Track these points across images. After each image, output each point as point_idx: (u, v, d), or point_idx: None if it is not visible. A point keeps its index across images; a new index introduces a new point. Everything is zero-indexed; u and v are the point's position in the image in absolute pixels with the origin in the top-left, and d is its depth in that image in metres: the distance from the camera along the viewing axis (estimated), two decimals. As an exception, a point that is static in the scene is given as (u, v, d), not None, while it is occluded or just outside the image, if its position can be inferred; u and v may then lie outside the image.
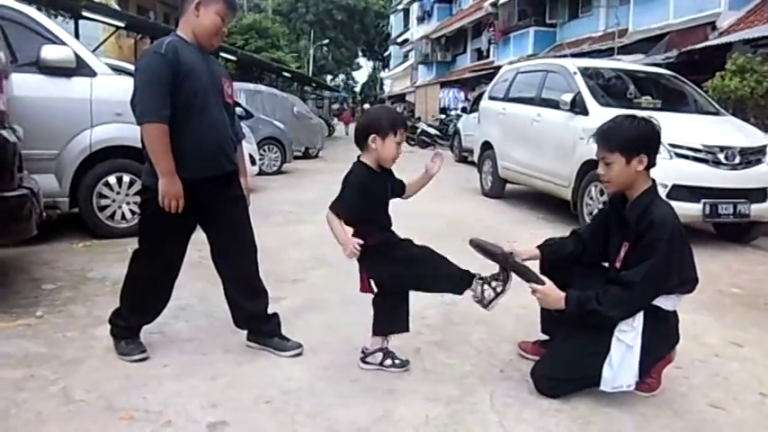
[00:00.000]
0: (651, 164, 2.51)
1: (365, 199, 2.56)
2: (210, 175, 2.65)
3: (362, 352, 2.76)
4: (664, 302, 2.50)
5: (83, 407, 2.33)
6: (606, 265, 2.70)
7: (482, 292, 2.60)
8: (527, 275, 2.59)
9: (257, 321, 2.92)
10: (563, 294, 2.50)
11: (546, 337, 2.88)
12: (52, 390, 2.45)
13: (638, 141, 2.48)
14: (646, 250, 2.40)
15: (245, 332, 2.97)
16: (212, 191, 2.68)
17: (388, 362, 2.71)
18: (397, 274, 2.61)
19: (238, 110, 5.40)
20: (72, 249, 4.77)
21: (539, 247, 2.80)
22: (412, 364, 2.77)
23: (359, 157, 2.64)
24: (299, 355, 2.86)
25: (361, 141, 2.59)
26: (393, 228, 2.70)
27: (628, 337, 2.44)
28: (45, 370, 2.62)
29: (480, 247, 2.70)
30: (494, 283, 2.61)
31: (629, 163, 2.47)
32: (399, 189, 2.79)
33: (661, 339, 2.52)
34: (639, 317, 2.44)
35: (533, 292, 2.58)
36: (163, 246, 2.73)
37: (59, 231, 5.16)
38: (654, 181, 2.57)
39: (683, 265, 2.53)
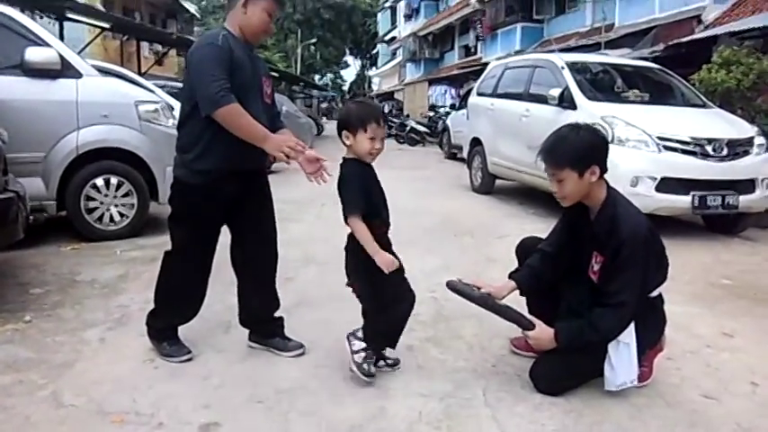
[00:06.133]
0: (603, 172, 2.46)
1: (365, 189, 2.51)
2: (240, 169, 2.63)
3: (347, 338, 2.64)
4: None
5: (73, 411, 2.30)
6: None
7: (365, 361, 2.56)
8: (510, 317, 2.55)
9: (263, 323, 2.92)
10: (553, 332, 2.47)
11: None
12: (41, 394, 2.42)
13: (586, 153, 2.42)
14: (624, 264, 2.37)
15: (239, 332, 2.97)
16: (241, 186, 2.67)
17: (381, 363, 2.66)
18: (375, 289, 2.54)
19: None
20: (60, 252, 4.73)
21: (511, 277, 2.71)
22: (405, 361, 2.76)
23: (343, 156, 2.59)
24: (302, 354, 2.85)
25: (340, 137, 2.55)
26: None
27: (623, 336, 2.44)
28: (34, 374, 2.59)
29: (457, 290, 2.60)
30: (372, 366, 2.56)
31: (582, 176, 2.41)
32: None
33: (651, 327, 2.54)
34: None
35: (527, 338, 2.55)
36: (195, 241, 2.71)
37: (47, 234, 5.11)
38: (608, 184, 2.52)
39: (660, 262, 2.55)
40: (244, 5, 2.62)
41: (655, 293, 2.55)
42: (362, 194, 2.47)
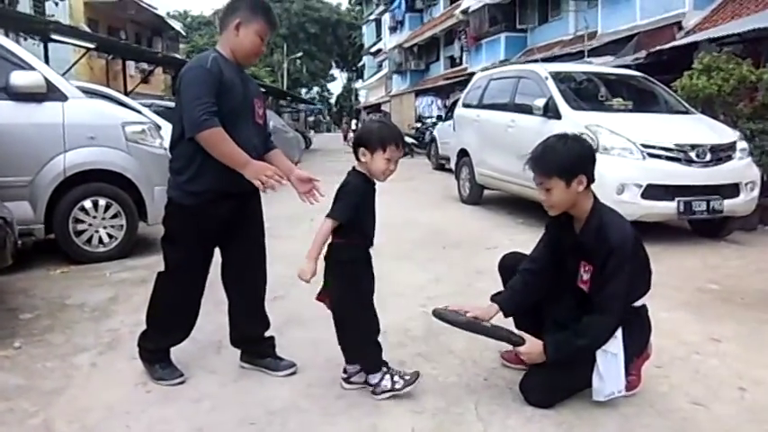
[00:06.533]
0: (590, 182, 2.50)
1: (360, 205, 2.55)
2: (233, 191, 2.63)
3: (344, 371, 2.71)
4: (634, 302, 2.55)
5: (65, 438, 2.29)
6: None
7: (391, 380, 2.59)
8: (500, 336, 2.57)
9: (253, 343, 2.93)
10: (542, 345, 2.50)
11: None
12: (32, 422, 2.41)
13: (574, 163, 2.45)
14: (613, 272, 2.40)
15: (230, 352, 2.97)
16: (233, 208, 2.69)
17: (396, 379, 2.62)
18: (351, 300, 2.58)
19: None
20: (49, 276, 4.71)
21: (494, 300, 2.72)
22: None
23: (354, 166, 2.62)
24: (294, 374, 2.85)
25: (355, 151, 2.59)
26: (375, 239, 2.66)
27: (611, 346, 2.46)
28: (24, 402, 2.58)
29: (444, 318, 2.61)
30: (398, 377, 2.60)
31: (569, 186, 2.45)
32: None
33: (637, 336, 2.56)
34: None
35: (518, 354, 2.58)
36: (188, 261, 2.71)
37: (35, 258, 5.09)
38: (594, 195, 2.56)
39: (645, 271, 2.58)
40: (236, 28, 2.64)
41: (639, 302, 2.58)
42: (353, 210, 2.52)
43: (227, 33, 2.68)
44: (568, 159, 2.46)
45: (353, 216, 2.52)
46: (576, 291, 2.58)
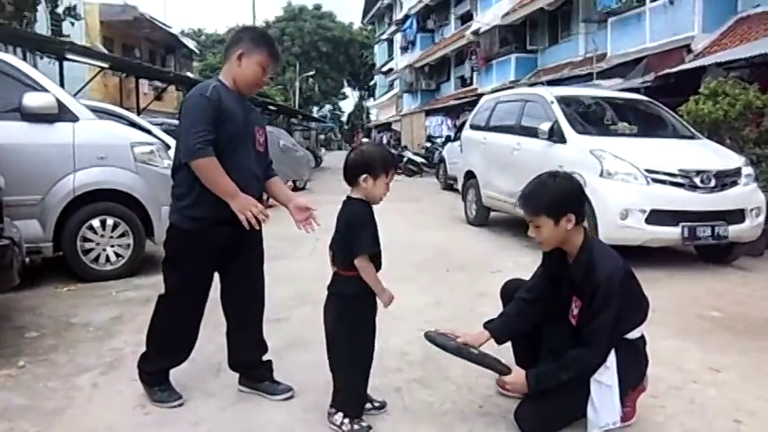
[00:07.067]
0: (580, 220, 2.53)
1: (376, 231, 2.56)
2: (230, 218, 2.66)
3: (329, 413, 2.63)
4: (629, 334, 2.55)
5: (63, 460, 2.33)
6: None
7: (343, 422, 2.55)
8: (486, 363, 2.60)
9: (250, 367, 2.96)
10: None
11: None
12: (32, 443, 2.46)
13: (562, 201, 2.49)
14: (599, 308, 2.42)
15: (228, 375, 3.01)
16: (232, 234, 2.72)
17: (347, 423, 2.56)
18: (344, 335, 2.57)
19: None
20: (56, 294, 4.78)
21: (486, 327, 2.74)
22: (392, 403, 2.79)
23: (348, 195, 2.60)
24: (291, 398, 2.88)
25: (351, 178, 2.55)
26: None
27: (605, 378, 2.48)
28: (25, 423, 2.63)
29: (434, 341, 2.65)
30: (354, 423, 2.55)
31: (558, 224, 2.49)
32: None
33: (633, 368, 2.57)
34: (611, 355, 2.48)
35: (502, 382, 2.60)
36: (188, 285, 2.77)
37: (43, 276, 5.17)
38: (586, 230, 2.59)
39: (638, 303, 2.60)
40: (239, 58, 2.72)
41: (636, 334, 2.59)
42: (376, 237, 2.53)
43: (230, 63, 2.75)
44: (557, 198, 2.50)
45: (378, 245, 2.53)
46: (569, 323, 2.60)
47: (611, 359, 2.47)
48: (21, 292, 4.58)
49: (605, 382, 2.46)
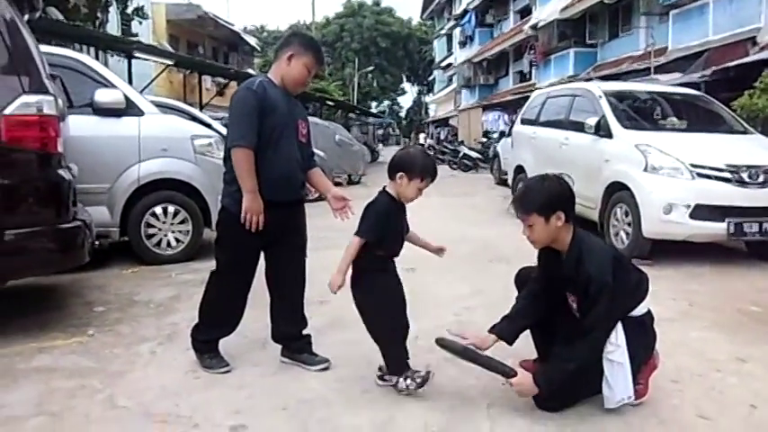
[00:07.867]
0: (569, 217, 2.68)
1: (385, 224, 2.79)
2: (277, 200, 2.96)
3: (379, 369, 2.94)
4: (634, 311, 2.70)
5: (124, 412, 2.66)
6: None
7: (405, 382, 2.80)
8: (491, 367, 2.74)
9: (291, 340, 3.23)
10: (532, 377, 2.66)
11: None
12: (99, 397, 2.80)
13: (550, 201, 2.65)
14: (594, 300, 2.56)
15: (273, 348, 3.29)
16: (278, 216, 3.00)
17: (409, 382, 2.82)
18: (372, 305, 2.83)
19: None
20: (122, 275, 5.20)
21: (491, 331, 2.87)
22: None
23: (384, 186, 2.87)
24: (327, 369, 3.14)
25: (391, 173, 2.82)
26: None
27: (616, 356, 2.62)
28: (94, 380, 2.98)
29: (444, 345, 2.81)
30: (410, 380, 2.80)
31: (548, 221, 2.64)
32: (405, 228, 2.99)
33: (641, 344, 2.69)
34: (620, 334, 2.61)
35: (509, 384, 2.74)
36: (236, 263, 3.07)
37: (110, 258, 5.61)
38: (575, 227, 2.72)
39: (632, 283, 2.73)
40: (288, 59, 3.01)
41: (643, 310, 2.72)
42: (379, 228, 2.77)
43: (280, 62, 3.04)
44: (546, 197, 2.67)
45: (380, 234, 2.77)
46: (574, 314, 2.76)
47: (621, 337, 2.60)
48: (90, 272, 5.01)
49: (617, 359, 2.60)
